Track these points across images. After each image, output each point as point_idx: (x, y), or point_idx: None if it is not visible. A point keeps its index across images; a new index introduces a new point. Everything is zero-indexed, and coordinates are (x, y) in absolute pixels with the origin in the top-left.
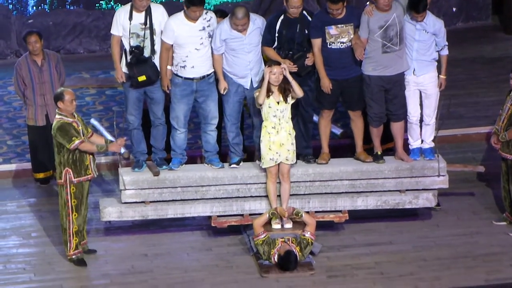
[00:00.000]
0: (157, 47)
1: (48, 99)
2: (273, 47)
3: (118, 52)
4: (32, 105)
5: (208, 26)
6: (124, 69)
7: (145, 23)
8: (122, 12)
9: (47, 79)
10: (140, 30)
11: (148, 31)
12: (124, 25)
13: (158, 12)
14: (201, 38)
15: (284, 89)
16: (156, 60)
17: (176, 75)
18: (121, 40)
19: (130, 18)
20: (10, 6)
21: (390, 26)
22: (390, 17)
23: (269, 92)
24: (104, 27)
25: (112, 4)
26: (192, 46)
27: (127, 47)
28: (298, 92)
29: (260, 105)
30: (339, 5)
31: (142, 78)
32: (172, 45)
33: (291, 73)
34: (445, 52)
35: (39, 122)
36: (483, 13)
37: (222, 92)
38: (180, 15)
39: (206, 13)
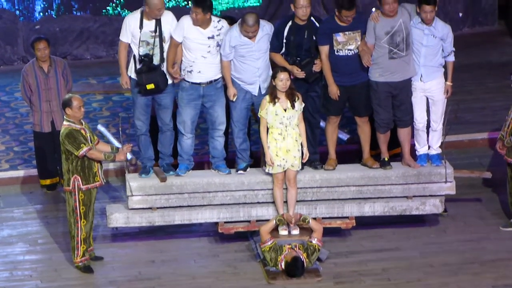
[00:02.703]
0: (166, 55)
1: (54, 105)
2: (280, 53)
3: (125, 58)
4: (38, 111)
5: (218, 35)
6: (133, 75)
7: (155, 31)
8: (132, 19)
9: (53, 86)
10: (150, 38)
11: (157, 39)
12: (134, 33)
13: (168, 19)
14: (209, 46)
15: (292, 94)
16: (165, 68)
17: (184, 79)
18: (129, 46)
19: (141, 26)
20: (17, 12)
21: (396, 32)
22: (397, 23)
23: (275, 98)
24: (111, 33)
25: (119, 10)
26: (199, 53)
27: (136, 55)
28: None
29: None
30: (353, 11)
31: (150, 86)
32: (180, 43)
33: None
34: (452, 58)
35: (45, 129)
36: (489, 18)
37: (231, 98)
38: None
39: (218, 22)
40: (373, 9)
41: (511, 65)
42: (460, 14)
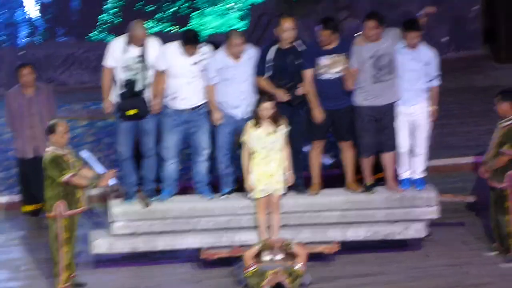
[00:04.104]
0: (149, 81)
1: (37, 131)
2: (265, 77)
3: (108, 83)
4: (22, 137)
5: (202, 60)
6: (115, 100)
7: (140, 57)
8: (116, 45)
9: (36, 111)
10: (134, 63)
11: (141, 65)
12: (118, 58)
13: (153, 45)
14: (194, 72)
15: (275, 120)
16: (148, 94)
17: (167, 106)
18: (113, 71)
19: (125, 51)
20: (2, 38)
21: (380, 56)
22: (381, 47)
23: (258, 123)
24: (95, 59)
25: (104, 35)
26: (184, 79)
27: (120, 80)
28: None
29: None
30: (328, 32)
31: (132, 111)
32: (164, 71)
33: None
34: (437, 82)
35: (28, 154)
36: (474, 42)
37: (216, 123)
38: (177, 44)
39: (202, 47)
40: (358, 34)
41: (496, 89)
42: (445, 39)
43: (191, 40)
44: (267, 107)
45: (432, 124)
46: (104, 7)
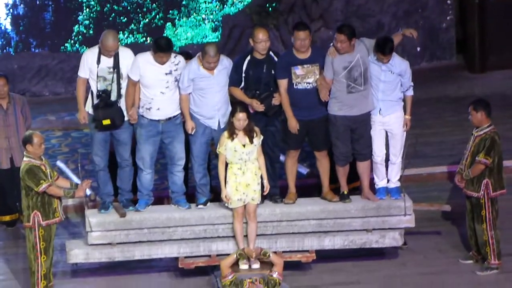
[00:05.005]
0: (124, 91)
1: (13, 142)
2: (240, 87)
3: (83, 93)
4: None
5: (176, 70)
6: (90, 111)
7: (113, 67)
8: (90, 55)
9: (12, 122)
10: (107, 73)
11: (115, 75)
12: (91, 68)
13: (126, 56)
14: (167, 81)
15: (250, 131)
16: (122, 104)
17: (142, 116)
18: (87, 82)
19: (98, 61)
20: None
21: (354, 67)
22: (354, 58)
23: (233, 134)
24: (69, 70)
25: (78, 46)
26: (157, 89)
27: (94, 90)
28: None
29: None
30: (306, 32)
31: (106, 121)
32: (137, 82)
33: None
34: (410, 92)
35: (3, 165)
36: (447, 52)
37: (189, 132)
38: (149, 54)
39: (175, 57)
40: (331, 44)
41: (469, 98)
42: (418, 49)
43: (163, 48)
44: (241, 118)
45: (406, 134)
46: (78, 18)
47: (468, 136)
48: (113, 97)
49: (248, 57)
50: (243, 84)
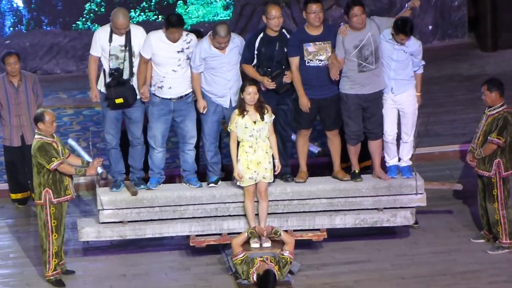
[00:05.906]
0: (136, 69)
1: (23, 120)
2: (252, 65)
3: (94, 71)
4: (8, 125)
5: (188, 48)
6: (103, 89)
7: (125, 45)
8: (102, 33)
9: (23, 100)
10: (119, 52)
11: (127, 53)
12: (103, 47)
13: (138, 34)
14: (179, 59)
15: (261, 107)
16: (135, 82)
17: (154, 94)
18: (99, 60)
19: (110, 40)
20: None
21: (365, 45)
22: (365, 37)
23: (244, 111)
24: (81, 47)
25: (89, 24)
26: (169, 67)
27: (106, 69)
28: None
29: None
30: (319, 5)
31: (119, 100)
32: (149, 60)
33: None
34: (421, 70)
35: (14, 143)
36: (459, 30)
37: (201, 111)
38: (161, 32)
39: (186, 35)
40: (342, 23)
41: (481, 77)
42: (430, 27)
43: (174, 23)
44: (251, 91)
45: (417, 113)
46: None
47: (480, 115)
48: (126, 75)
49: (261, 35)
50: (255, 61)
